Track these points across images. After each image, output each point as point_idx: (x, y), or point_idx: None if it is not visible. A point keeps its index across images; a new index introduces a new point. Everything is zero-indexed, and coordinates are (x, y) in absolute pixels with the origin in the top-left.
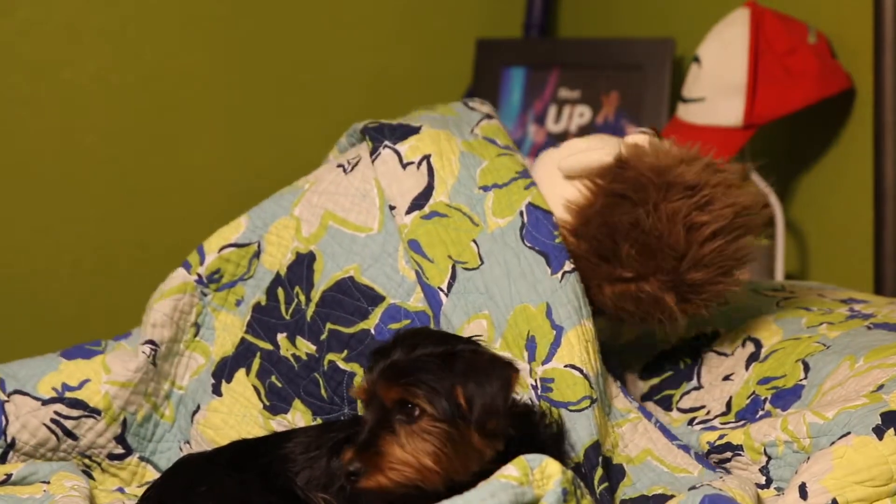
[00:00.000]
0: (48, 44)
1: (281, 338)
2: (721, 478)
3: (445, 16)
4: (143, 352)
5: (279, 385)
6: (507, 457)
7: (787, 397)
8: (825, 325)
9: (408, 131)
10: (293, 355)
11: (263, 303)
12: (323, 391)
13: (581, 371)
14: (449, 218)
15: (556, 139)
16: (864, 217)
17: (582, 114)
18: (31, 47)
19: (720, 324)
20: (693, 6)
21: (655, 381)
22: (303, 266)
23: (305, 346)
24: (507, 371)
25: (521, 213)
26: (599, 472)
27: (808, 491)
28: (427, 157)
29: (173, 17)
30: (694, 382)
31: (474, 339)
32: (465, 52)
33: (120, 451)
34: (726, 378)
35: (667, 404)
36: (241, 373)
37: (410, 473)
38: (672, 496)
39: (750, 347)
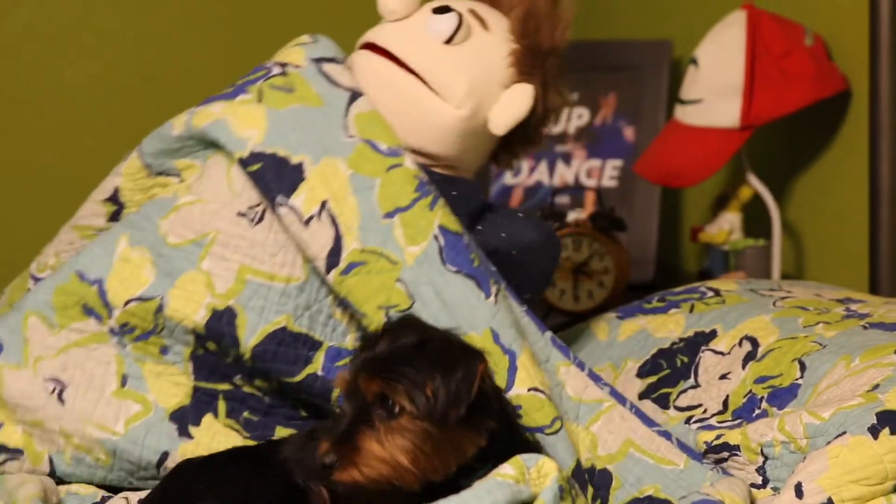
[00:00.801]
0: (49, 46)
1: (237, 378)
2: (711, 468)
3: None
4: (46, 388)
5: (255, 419)
6: (492, 451)
7: (783, 396)
8: (821, 325)
9: (295, 179)
10: (259, 388)
11: (200, 353)
12: (303, 411)
13: (543, 392)
14: (367, 265)
15: (555, 140)
16: (860, 217)
17: (580, 115)
18: (32, 49)
19: (717, 323)
20: (690, 8)
21: (653, 379)
22: (222, 323)
23: (267, 384)
24: (473, 361)
25: (436, 237)
26: (591, 490)
27: (804, 490)
28: (324, 205)
29: (173, 18)
30: (691, 381)
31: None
32: None
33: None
34: (723, 377)
35: (664, 402)
36: (208, 417)
37: (385, 471)
38: (664, 500)
39: (747, 346)
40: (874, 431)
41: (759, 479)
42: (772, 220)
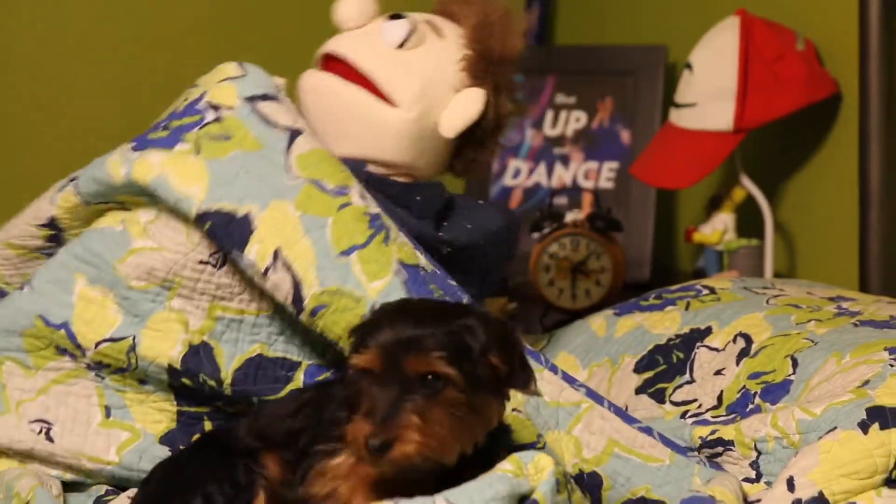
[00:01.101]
0: (65, 52)
1: (220, 403)
2: (698, 461)
3: None
4: (33, 429)
5: None
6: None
7: (776, 392)
8: (813, 322)
9: (245, 233)
10: (241, 407)
11: (178, 385)
12: None
13: (521, 412)
14: (330, 306)
15: (553, 143)
16: (850, 218)
17: (578, 119)
18: (49, 56)
19: (712, 320)
20: (685, 14)
21: (649, 374)
22: (199, 356)
23: (249, 405)
24: (515, 329)
25: (396, 272)
26: (583, 494)
27: (795, 484)
28: (277, 253)
29: (184, 26)
30: (686, 376)
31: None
32: None
33: None
34: (718, 372)
35: (660, 397)
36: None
37: (434, 445)
38: (658, 501)
39: (741, 343)
40: (864, 427)
41: (753, 474)
42: (764, 221)
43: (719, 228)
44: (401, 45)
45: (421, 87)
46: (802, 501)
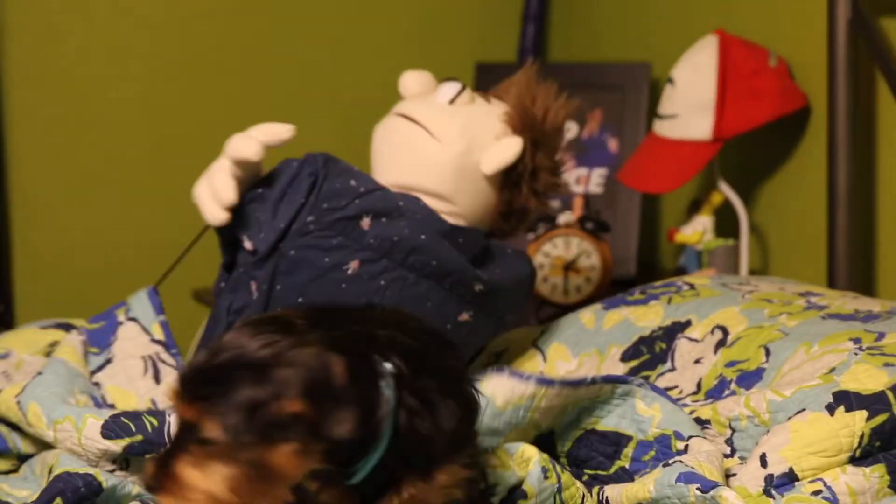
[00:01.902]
0: (97, 68)
1: None
2: (639, 384)
3: (449, 42)
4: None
5: None
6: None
7: (750, 379)
8: (785, 315)
9: None
10: None
11: None
12: None
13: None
14: None
15: None
16: (819, 220)
17: (569, 129)
18: (82, 70)
19: (692, 313)
20: (668, 33)
21: (634, 363)
22: None
23: None
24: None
25: None
26: (567, 475)
27: (768, 460)
28: None
29: (209, 40)
30: (668, 365)
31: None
32: (466, 74)
33: None
34: (697, 361)
35: None
36: None
37: (205, 502)
38: (612, 432)
39: (718, 334)
40: (831, 409)
41: (728, 450)
42: (740, 223)
43: (699, 229)
44: (451, 101)
45: (462, 128)
46: (774, 476)
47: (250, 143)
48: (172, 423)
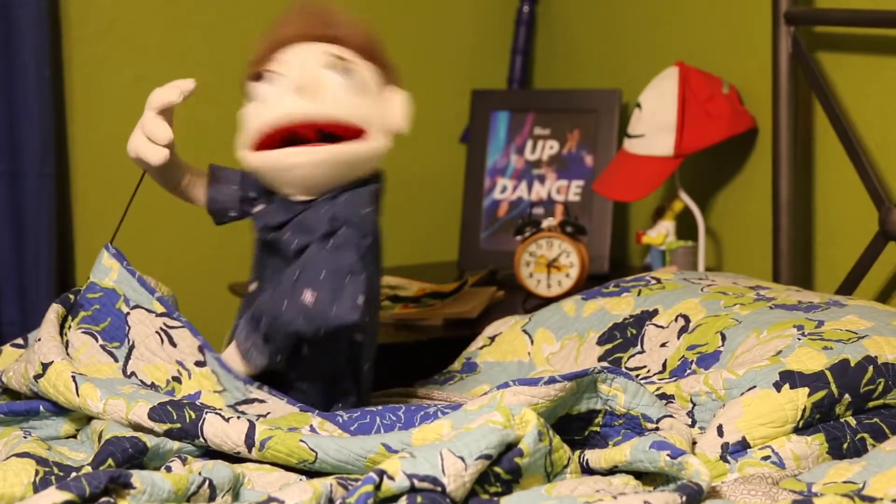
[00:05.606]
0: (141, 62)
1: None
2: (599, 371)
3: (447, 71)
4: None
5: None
6: None
7: (708, 360)
8: (738, 306)
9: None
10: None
11: None
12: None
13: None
14: (274, 438)
15: (532, 165)
16: (765, 224)
17: (552, 146)
18: (125, 64)
19: (659, 304)
20: (636, 64)
21: (609, 346)
22: None
23: None
24: None
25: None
26: (557, 439)
27: (724, 430)
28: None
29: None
30: (638, 348)
31: None
32: (463, 100)
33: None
34: (663, 345)
35: (618, 365)
36: None
37: None
38: (598, 410)
39: (681, 322)
40: (777, 386)
41: (689, 421)
42: (698, 226)
43: (662, 232)
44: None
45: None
46: (730, 444)
47: (171, 89)
48: (208, 419)
